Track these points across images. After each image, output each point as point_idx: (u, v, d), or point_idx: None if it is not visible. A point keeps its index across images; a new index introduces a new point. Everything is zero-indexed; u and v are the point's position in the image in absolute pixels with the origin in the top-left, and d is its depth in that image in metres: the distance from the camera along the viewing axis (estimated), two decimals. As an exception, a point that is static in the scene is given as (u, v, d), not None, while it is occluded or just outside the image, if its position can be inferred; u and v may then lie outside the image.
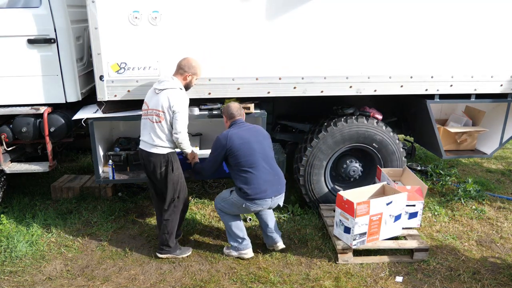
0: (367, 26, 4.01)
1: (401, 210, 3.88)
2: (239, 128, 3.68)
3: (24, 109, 4.14)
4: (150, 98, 3.60)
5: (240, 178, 3.61)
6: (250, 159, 3.59)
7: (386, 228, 3.84)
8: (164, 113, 3.49)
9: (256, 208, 3.69)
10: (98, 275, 3.61)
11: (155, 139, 3.54)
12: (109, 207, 4.74)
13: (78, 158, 6.34)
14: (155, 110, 3.51)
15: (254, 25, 3.90)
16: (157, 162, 3.58)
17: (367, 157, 4.67)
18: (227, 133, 3.62)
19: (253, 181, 3.58)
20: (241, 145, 3.57)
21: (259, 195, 3.58)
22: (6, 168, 4.32)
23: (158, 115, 3.50)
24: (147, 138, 3.58)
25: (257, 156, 3.61)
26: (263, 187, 3.59)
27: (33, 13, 3.92)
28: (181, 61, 3.66)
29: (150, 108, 3.55)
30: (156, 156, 3.57)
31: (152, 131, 3.54)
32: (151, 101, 3.57)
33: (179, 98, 3.52)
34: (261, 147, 3.66)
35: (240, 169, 3.61)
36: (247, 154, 3.58)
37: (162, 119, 3.50)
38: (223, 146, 3.59)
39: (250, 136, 3.64)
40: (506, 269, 3.72)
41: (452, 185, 5.46)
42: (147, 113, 3.58)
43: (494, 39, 4.20)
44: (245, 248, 3.80)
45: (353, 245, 3.72)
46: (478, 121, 4.82)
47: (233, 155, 3.58)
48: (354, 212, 3.59)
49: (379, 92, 4.25)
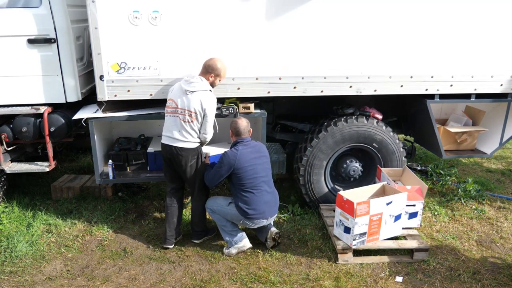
0: (367, 26, 4.01)
1: (401, 210, 3.88)
2: (247, 148, 3.74)
3: (24, 109, 4.14)
4: (178, 97, 3.67)
5: (241, 198, 3.71)
6: (254, 182, 3.70)
7: (386, 228, 3.84)
8: (197, 114, 3.64)
9: (252, 226, 3.83)
10: (98, 275, 3.61)
11: (186, 135, 3.69)
12: (109, 207, 4.74)
13: (78, 158, 6.34)
14: (188, 110, 3.63)
15: (254, 25, 3.90)
16: (188, 155, 3.74)
17: (367, 157, 4.67)
18: (237, 153, 3.69)
19: (254, 203, 3.71)
20: (248, 167, 3.67)
21: (257, 215, 3.74)
22: (6, 168, 4.33)
23: (191, 116, 3.64)
24: (177, 135, 3.69)
25: (260, 179, 3.72)
26: (262, 208, 3.74)
27: (33, 13, 3.92)
28: (208, 61, 3.73)
29: (180, 107, 3.64)
30: (187, 150, 3.73)
31: (183, 129, 3.67)
32: (181, 101, 3.64)
33: (211, 101, 3.67)
34: (263, 168, 3.77)
35: (242, 189, 3.70)
36: (251, 177, 3.69)
37: (194, 119, 3.65)
38: (231, 164, 3.66)
39: (255, 158, 3.74)
40: (506, 269, 3.72)
41: (452, 185, 5.46)
42: (176, 111, 3.67)
43: (494, 39, 4.20)
44: (241, 238, 3.85)
45: (353, 245, 3.71)
46: (478, 121, 4.82)
47: (238, 175, 3.69)
48: (354, 212, 3.59)
49: (379, 92, 4.25)
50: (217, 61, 3.72)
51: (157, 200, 4.99)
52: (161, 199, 4.98)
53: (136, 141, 4.60)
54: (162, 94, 4.01)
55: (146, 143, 4.62)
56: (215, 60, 3.72)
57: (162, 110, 4.12)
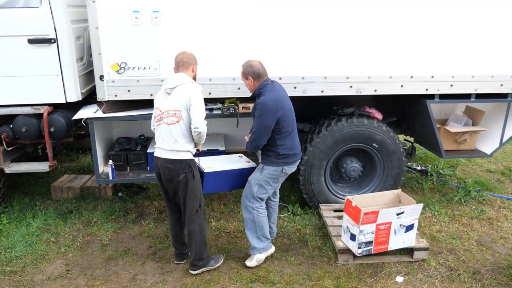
0: (368, 26, 4.01)
1: (413, 220, 3.73)
2: (275, 89, 3.46)
3: (24, 109, 4.14)
4: (161, 101, 3.35)
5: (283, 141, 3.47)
6: (292, 123, 3.54)
7: (396, 238, 3.72)
8: (181, 111, 3.25)
9: (291, 170, 3.63)
10: (98, 275, 3.61)
11: (172, 143, 3.28)
12: (109, 207, 4.74)
13: (78, 158, 6.34)
14: (171, 110, 3.26)
15: (254, 25, 3.90)
16: (176, 169, 3.30)
17: (367, 157, 4.67)
18: (274, 97, 3.38)
19: (294, 143, 3.57)
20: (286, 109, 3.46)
21: (297, 155, 3.61)
22: (6, 168, 4.33)
23: (175, 115, 3.25)
24: (164, 144, 3.31)
25: (294, 118, 3.59)
26: (299, 147, 3.64)
27: (33, 13, 3.92)
28: (179, 55, 3.41)
29: (164, 110, 3.29)
30: (175, 163, 3.29)
31: (169, 134, 3.28)
32: (164, 104, 3.31)
33: (193, 90, 3.28)
34: (292, 109, 3.59)
35: (284, 132, 3.46)
36: (289, 118, 3.51)
37: (180, 119, 3.25)
38: (273, 112, 3.36)
39: (287, 99, 3.54)
40: (506, 269, 3.72)
41: (452, 185, 5.46)
42: (162, 117, 3.31)
43: (494, 39, 4.20)
44: (271, 246, 3.81)
45: (358, 253, 3.66)
46: (478, 121, 4.82)
47: (281, 118, 3.41)
48: (360, 220, 3.52)
49: (380, 92, 4.25)
50: (187, 52, 3.44)
51: (157, 200, 4.99)
52: (161, 199, 4.98)
53: (136, 141, 4.60)
54: (162, 94, 4.01)
55: (146, 143, 4.62)
56: (185, 52, 3.44)
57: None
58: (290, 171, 3.64)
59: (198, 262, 3.57)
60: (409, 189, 5.35)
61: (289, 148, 3.53)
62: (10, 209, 4.64)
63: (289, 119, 3.50)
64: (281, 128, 3.45)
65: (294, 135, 3.58)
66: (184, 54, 3.43)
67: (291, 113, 3.54)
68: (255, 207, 3.62)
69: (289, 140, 3.53)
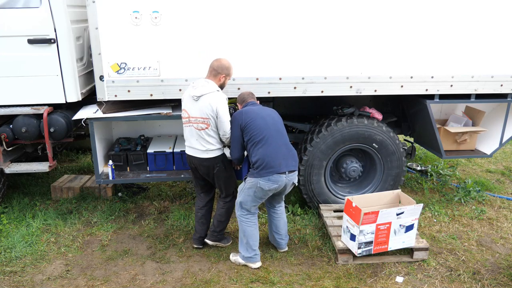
0: (368, 26, 4.01)
1: (413, 220, 3.73)
2: (254, 106, 3.66)
3: (24, 109, 4.14)
4: (189, 106, 3.58)
5: (254, 153, 3.48)
6: (264, 132, 3.48)
7: (396, 238, 3.73)
8: (209, 120, 3.53)
9: (271, 186, 3.48)
10: (98, 275, 3.61)
11: (205, 145, 3.60)
12: (109, 207, 4.74)
13: (78, 158, 6.34)
14: (200, 118, 3.53)
15: (254, 25, 3.90)
16: (211, 165, 3.67)
17: (367, 157, 4.67)
18: (241, 110, 3.63)
19: (267, 154, 3.44)
20: (257, 119, 3.50)
21: (274, 168, 3.44)
22: (6, 168, 4.33)
23: (204, 122, 3.54)
24: (197, 145, 3.62)
25: (271, 129, 3.51)
26: (277, 160, 3.45)
27: (33, 13, 3.92)
28: (214, 62, 3.62)
29: (193, 116, 3.56)
30: (209, 161, 3.65)
31: (200, 138, 3.59)
32: (192, 109, 3.56)
33: (220, 101, 3.53)
34: (274, 122, 3.58)
35: (254, 141, 3.47)
36: (261, 127, 3.48)
37: (209, 126, 3.55)
38: (239, 121, 3.52)
39: (263, 112, 3.58)
40: (506, 269, 3.72)
41: (452, 185, 5.46)
42: (190, 121, 3.59)
43: (494, 39, 4.20)
44: (256, 260, 3.72)
45: (358, 253, 3.66)
46: (478, 121, 4.82)
47: (248, 127, 3.49)
48: (360, 220, 3.53)
49: (380, 92, 4.25)
50: (225, 61, 3.64)
51: (157, 200, 4.99)
52: (161, 199, 4.99)
53: (136, 142, 4.61)
54: (162, 94, 4.01)
55: (146, 144, 4.62)
56: (222, 60, 3.64)
57: (162, 111, 4.13)
58: (266, 187, 3.47)
59: (214, 233, 3.94)
60: (409, 189, 5.36)
61: (261, 158, 3.44)
62: (10, 209, 4.64)
63: (260, 129, 3.47)
64: (252, 138, 3.50)
65: (268, 146, 3.46)
66: (219, 62, 3.64)
67: (264, 123, 3.50)
68: (239, 214, 3.70)
69: (261, 150, 3.45)
